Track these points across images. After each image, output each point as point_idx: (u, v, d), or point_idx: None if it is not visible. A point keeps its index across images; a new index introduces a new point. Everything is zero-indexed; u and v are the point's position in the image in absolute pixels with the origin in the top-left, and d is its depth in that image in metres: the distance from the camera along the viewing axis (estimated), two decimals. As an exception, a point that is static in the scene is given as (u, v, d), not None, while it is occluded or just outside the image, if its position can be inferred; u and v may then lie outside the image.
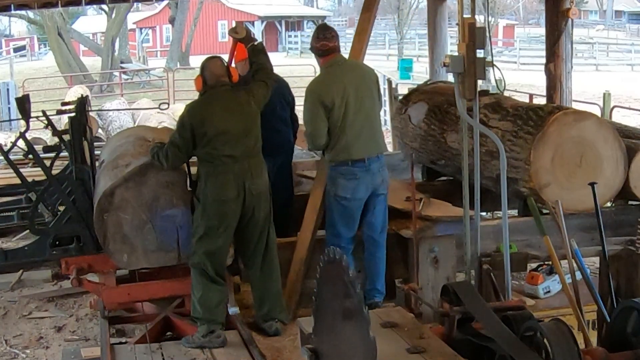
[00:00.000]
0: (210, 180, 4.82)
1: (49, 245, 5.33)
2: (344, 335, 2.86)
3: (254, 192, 4.84)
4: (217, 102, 4.88)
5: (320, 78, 5.34)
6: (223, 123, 4.80)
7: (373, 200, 5.28)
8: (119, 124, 13.65)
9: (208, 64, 4.97)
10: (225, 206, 4.79)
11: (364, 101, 5.21)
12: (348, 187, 5.19)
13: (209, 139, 4.79)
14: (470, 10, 4.51)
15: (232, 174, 4.78)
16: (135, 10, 42.71)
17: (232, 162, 4.79)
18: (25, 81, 19.92)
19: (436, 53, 9.46)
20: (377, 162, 5.26)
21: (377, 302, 5.23)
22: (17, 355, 5.42)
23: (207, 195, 4.81)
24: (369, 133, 5.23)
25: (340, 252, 2.85)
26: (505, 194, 4.59)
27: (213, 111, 4.84)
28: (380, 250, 5.35)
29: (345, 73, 5.24)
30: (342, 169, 5.21)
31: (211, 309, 4.82)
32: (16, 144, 6.64)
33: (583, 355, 3.08)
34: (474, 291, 3.70)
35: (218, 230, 4.82)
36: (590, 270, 4.96)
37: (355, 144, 5.17)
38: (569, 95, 8.09)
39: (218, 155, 4.79)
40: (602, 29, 51.05)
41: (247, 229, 4.93)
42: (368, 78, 5.35)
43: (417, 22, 38.33)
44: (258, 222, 4.92)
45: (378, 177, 5.26)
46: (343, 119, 5.15)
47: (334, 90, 5.15)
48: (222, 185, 4.78)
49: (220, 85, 4.92)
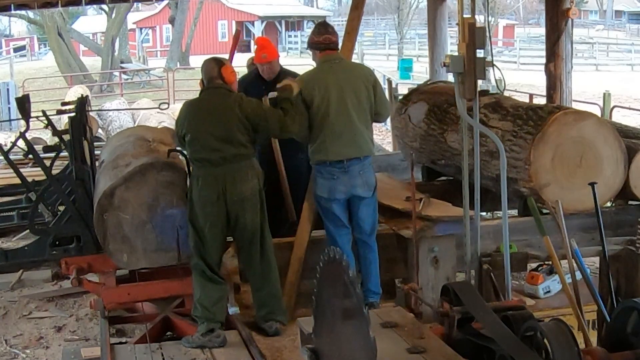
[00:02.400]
0: (194, 180, 4.85)
1: (49, 245, 5.34)
2: (344, 335, 2.87)
3: (235, 198, 4.79)
4: (203, 104, 4.88)
5: (308, 72, 5.34)
6: (203, 126, 4.79)
7: (356, 203, 5.21)
8: (119, 124, 13.67)
9: (203, 65, 4.98)
10: (207, 207, 4.79)
11: (348, 103, 5.13)
12: (325, 186, 5.16)
13: (190, 141, 4.82)
14: (470, 10, 4.51)
15: (211, 177, 4.78)
16: (135, 10, 42.70)
17: (210, 166, 4.78)
18: (25, 81, 19.94)
19: (436, 53, 9.47)
20: (358, 165, 5.15)
21: (373, 302, 5.22)
22: (17, 355, 5.42)
23: (192, 194, 4.84)
24: (351, 136, 5.13)
25: (340, 252, 2.85)
26: (505, 194, 4.58)
27: (197, 113, 4.85)
28: (371, 252, 5.31)
29: (335, 72, 5.18)
30: (320, 168, 5.18)
31: (209, 307, 4.82)
32: (16, 144, 6.65)
33: (583, 355, 3.08)
34: (474, 291, 3.70)
35: (204, 230, 4.83)
36: (590, 270, 4.96)
37: (334, 145, 5.11)
38: (569, 95, 8.09)
39: (199, 158, 4.81)
40: (601, 28, 51.06)
41: (237, 233, 4.93)
42: (358, 80, 5.23)
43: (417, 22, 38.31)
44: (246, 226, 4.87)
45: (358, 179, 5.15)
46: (323, 118, 5.11)
47: (316, 87, 5.12)
48: (202, 187, 4.79)
49: (213, 87, 4.91)
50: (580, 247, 4.36)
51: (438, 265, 5.36)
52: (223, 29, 47.78)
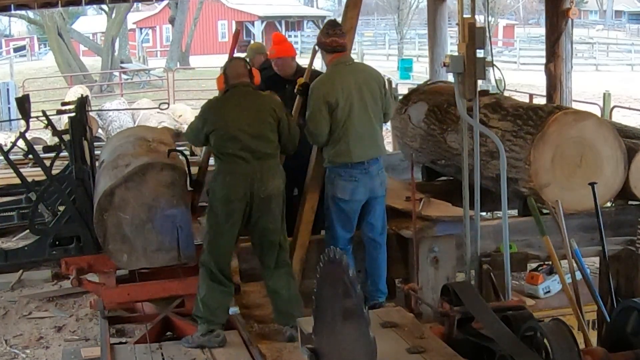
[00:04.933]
0: (219, 177, 4.83)
1: (49, 245, 5.33)
2: (344, 335, 2.86)
3: (262, 195, 4.79)
4: (235, 101, 4.89)
5: (325, 76, 5.30)
6: (236, 122, 4.80)
7: (372, 202, 5.28)
8: (119, 124, 13.66)
9: (231, 64, 5.01)
10: (231, 205, 4.78)
11: (367, 104, 5.19)
12: (347, 188, 5.18)
13: (218, 137, 4.81)
14: (470, 10, 4.51)
15: (240, 175, 4.78)
16: (135, 10, 42.70)
17: (241, 162, 4.79)
18: (25, 81, 19.92)
19: (436, 53, 9.47)
20: (376, 165, 5.25)
21: (381, 302, 5.24)
22: (17, 355, 5.42)
23: (216, 191, 4.83)
24: (371, 136, 5.21)
25: (340, 252, 2.85)
26: (505, 194, 4.59)
27: (229, 109, 4.86)
28: (382, 252, 5.35)
29: (351, 74, 5.21)
30: (341, 171, 5.19)
31: (213, 310, 4.80)
32: (16, 144, 6.65)
33: (583, 355, 3.08)
34: (474, 291, 3.70)
35: (223, 227, 4.81)
36: (590, 270, 4.95)
37: (357, 147, 5.15)
38: (569, 95, 8.10)
39: (228, 154, 4.80)
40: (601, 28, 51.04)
41: (256, 232, 4.91)
42: (373, 81, 5.31)
43: (417, 22, 38.30)
44: (268, 226, 4.87)
45: (377, 180, 5.25)
46: (346, 120, 5.13)
47: (339, 90, 5.13)
48: (229, 184, 4.78)
49: (242, 85, 4.93)
50: (580, 247, 4.35)
51: (438, 265, 5.36)
52: (223, 29, 47.76)
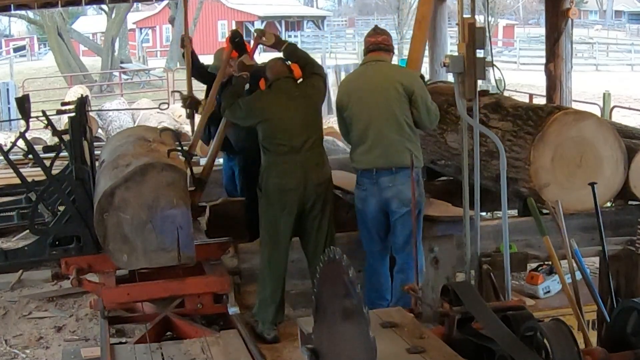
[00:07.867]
0: (272, 169, 4.90)
1: (48, 245, 5.33)
2: (344, 335, 2.86)
3: (316, 183, 4.87)
4: (281, 92, 4.96)
5: (347, 76, 5.44)
6: (285, 113, 4.88)
7: (391, 218, 5.06)
8: (119, 124, 13.67)
9: (269, 63, 5.10)
10: (285, 195, 4.85)
11: (381, 109, 4.99)
12: (359, 196, 5.16)
13: (268, 127, 4.88)
14: (470, 10, 4.51)
15: (293, 164, 4.84)
16: (135, 10, 42.70)
17: (293, 153, 4.85)
18: (25, 81, 19.94)
19: (436, 53, 9.47)
20: (389, 177, 4.99)
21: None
22: (17, 355, 5.42)
23: (269, 184, 4.89)
24: (383, 145, 5.00)
25: (340, 252, 2.84)
26: (505, 194, 4.58)
27: (276, 101, 4.93)
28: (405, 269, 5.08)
29: (370, 76, 5.10)
30: (357, 177, 5.19)
31: (265, 323, 4.96)
32: (16, 144, 6.64)
33: (583, 355, 3.08)
34: (474, 291, 3.70)
35: (278, 220, 4.88)
36: (590, 270, 4.95)
37: (363, 153, 5.07)
38: (568, 95, 8.11)
39: (279, 144, 4.86)
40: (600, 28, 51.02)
41: (308, 222, 4.96)
42: (394, 85, 4.99)
43: (417, 22, 38.24)
44: (318, 214, 4.93)
45: (388, 193, 5.00)
46: (354, 124, 5.10)
47: (350, 91, 5.14)
48: (283, 175, 4.85)
49: (285, 77, 5.01)
50: (580, 247, 4.35)
51: (438, 265, 5.36)
52: (223, 29, 47.73)
